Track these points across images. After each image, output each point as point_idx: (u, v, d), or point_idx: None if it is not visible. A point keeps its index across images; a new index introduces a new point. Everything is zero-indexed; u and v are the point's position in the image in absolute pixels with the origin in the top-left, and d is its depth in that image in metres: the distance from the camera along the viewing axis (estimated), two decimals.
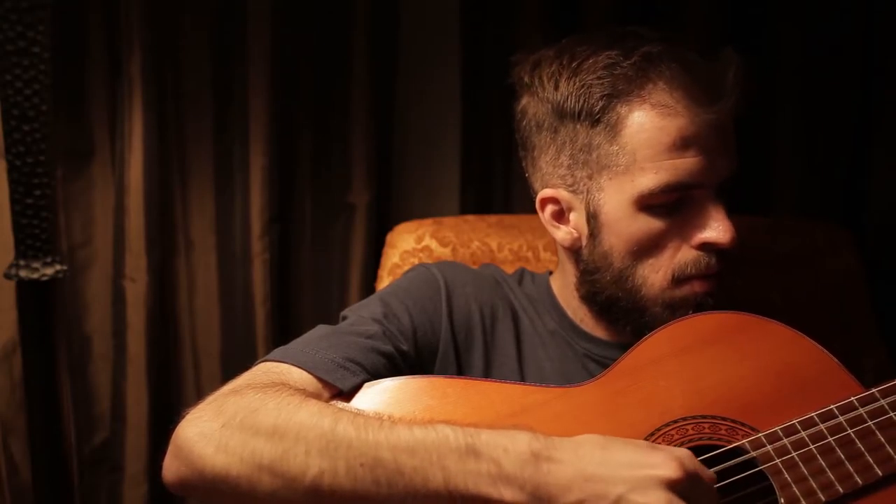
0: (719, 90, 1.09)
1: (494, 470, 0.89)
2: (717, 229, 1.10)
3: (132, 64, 1.68)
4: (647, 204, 1.11)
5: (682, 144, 1.09)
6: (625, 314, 1.17)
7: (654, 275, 1.14)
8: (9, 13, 1.29)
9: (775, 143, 1.70)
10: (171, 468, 0.99)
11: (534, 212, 1.22)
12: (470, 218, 1.61)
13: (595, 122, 1.13)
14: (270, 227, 1.79)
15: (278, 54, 1.73)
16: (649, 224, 1.12)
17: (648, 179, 1.10)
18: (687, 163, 1.09)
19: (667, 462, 0.88)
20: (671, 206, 1.11)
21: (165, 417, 1.79)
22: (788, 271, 1.47)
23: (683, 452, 0.91)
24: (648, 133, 1.10)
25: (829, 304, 1.45)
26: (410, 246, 1.55)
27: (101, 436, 1.84)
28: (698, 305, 1.13)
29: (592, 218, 1.16)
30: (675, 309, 1.13)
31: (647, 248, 1.13)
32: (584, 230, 1.17)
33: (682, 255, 1.13)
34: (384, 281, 1.53)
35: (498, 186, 1.80)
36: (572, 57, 1.14)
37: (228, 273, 1.83)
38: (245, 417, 0.95)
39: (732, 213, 1.21)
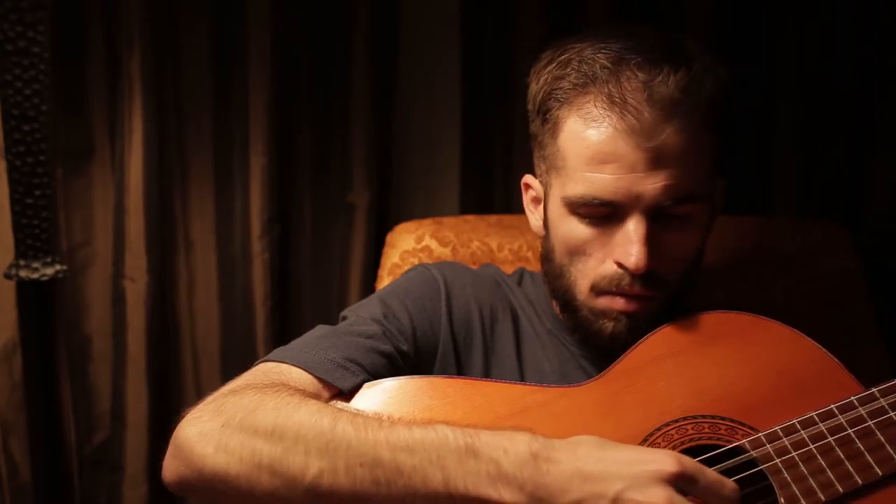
0: (657, 114, 1.06)
1: (494, 470, 0.89)
2: (627, 253, 1.08)
3: (132, 64, 1.68)
4: (574, 210, 1.12)
5: (600, 160, 1.08)
6: (565, 309, 1.19)
7: (582, 280, 1.14)
8: (9, 13, 1.30)
9: (775, 143, 1.70)
10: (170, 468, 0.99)
11: None
12: (470, 218, 1.61)
13: (545, 121, 1.15)
14: (270, 227, 1.79)
15: (278, 54, 1.73)
16: (577, 229, 1.13)
17: (571, 187, 1.11)
18: (605, 179, 1.08)
19: (665, 458, 0.88)
20: (598, 217, 1.11)
21: (165, 417, 1.79)
22: (788, 271, 1.47)
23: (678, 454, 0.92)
24: (573, 142, 1.10)
25: (829, 304, 1.45)
26: (410, 246, 1.55)
27: (101, 436, 1.84)
28: (616, 321, 1.12)
29: (545, 210, 1.19)
30: (598, 317, 1.14)
31: (574, 251, 1.14)
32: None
33: (604, 267, 1.12)
34: (384, 281, 1.53)
35: (498, 186, 1.80)
36: (556, 52, 1.15)
37: (228, 273, 1.83)
38: (245, 417, 0.95)
39: (732, 214, 1.22)
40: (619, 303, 1.12)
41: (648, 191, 1.07)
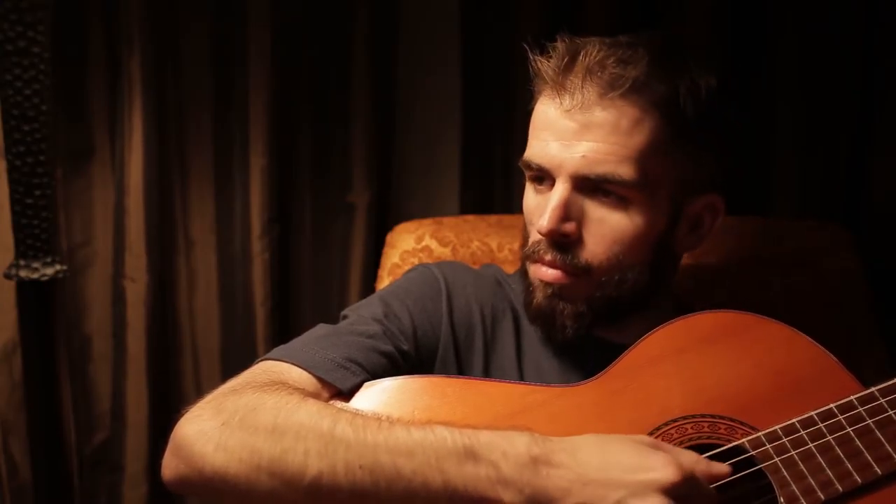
0: (592, 86, 1.08)
1: (493, 473, 0.89)
2: (542, 215, 1.11)
3: (132, 64, 1.68)
4: (528, 177, 1.17)
5: (540, 126, 1.13)
6: (525, 286, 1.20)
7: (525, 248, 1.18)
8: (9, 13, 1.30)
9: (775, 143, 1.70)
10: (169, 466, 0.98)
11: None
12: (470, 218, 1.61)
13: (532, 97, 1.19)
14: (270, 227, 1.79)
15: (278, 54, 1.73)
16: (528, 196, 1.17)
17: (526, 150, 1.15)
18: (539, 145, 1.12)
19: (666, 465, 0.88)
20: (542, 186, 1.15)
21: (165, 417, 1.79)
22: (788, 271, 1.47)
23: (687, 457, 0.92)
24: (535, 112, 1.15)
25: (829, 304, 1.44)
26: (410, 246, 1.55)
27: (101, 436, 1.84)
28: (538, 291, 1.15)
29: None
30: (530, 287, 1.16)
31: (528, 219, 1.18)
32: None
33: (536, 235, 1.14)
34: (384, 281, 1.53)
35: (498, 186, 1.80)
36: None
37: (228, 273, 1.83)
38: (244, 416, 0.95)
39: (732, 214, 1.22)
40: (539, 270, 1.14)
41: (569, 159, 1.09)
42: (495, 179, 1.81)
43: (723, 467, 0.94)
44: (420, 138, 1.87)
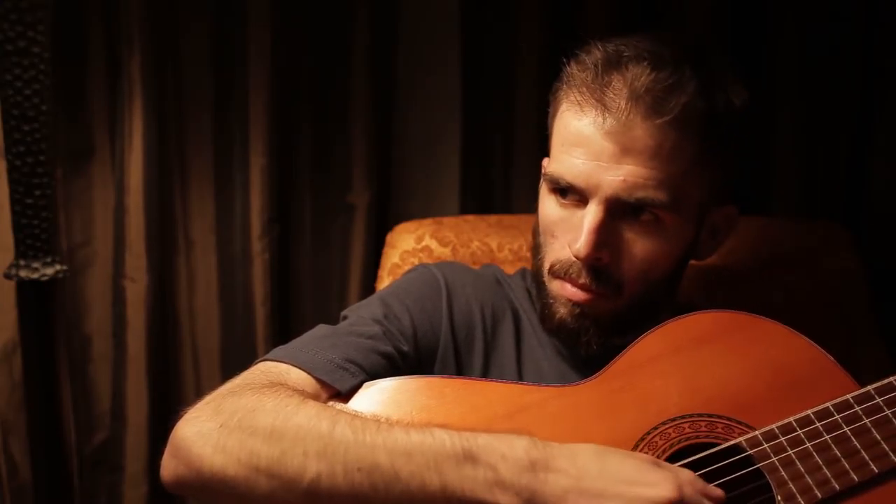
0: (633, 108, 1.06)
1: (491, 476, 0.89)
2: (576, 239, 1.09)
3: (132, 64, 1.68)
4: (550, 189, 1.15)
5: (573, 143, 1.10)
6: (537, 291, 1.19)
7: (547, 261, 1.16)
8: (9, 13, 1.30)
9: (775, 143, 1.70)
10: (168, 467, 0.98)
11: (533, 212, 1.23)
12: (470, 218, 1.61)
13: (551, 103, 1.18)
14: (270, 227, 1.79)
15: (278, 54, 1.73)
16: (551, 208, 1.15)
17: (550, 166, 1.15)
18: (573, 162, 1.10)
19: (665, 482, 0.89)
20: (569, 201, 1.13)
21: (165, 417, 1.79)
22: (788, 271, 1.47)
23: (687, 476, 0.92)
24: (560, 124, 1.14)
25: (829, 304, 1.44)
26: (410, 246, 1.55)
27: (101, 436, 1.84)
28: (564, 307, 1.14)
29: (539, 187, 1.21)
30: (553, 300, 1.15)
31: (546, 231, 1.16)
32: None
33: (563, 251, 1.13)
34: (384, 281, 1.53)
35: (498, 186, 1.80)
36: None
37: (228, 273, 1.83)
38: (243, 417, 0.95)
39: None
40: (567, 289, 1.13)
41: (607, 182, 1.08)
42: (495, 179, 1.81)
43: (719, 491, 0.93)
44: (420, 138, 1.87)
